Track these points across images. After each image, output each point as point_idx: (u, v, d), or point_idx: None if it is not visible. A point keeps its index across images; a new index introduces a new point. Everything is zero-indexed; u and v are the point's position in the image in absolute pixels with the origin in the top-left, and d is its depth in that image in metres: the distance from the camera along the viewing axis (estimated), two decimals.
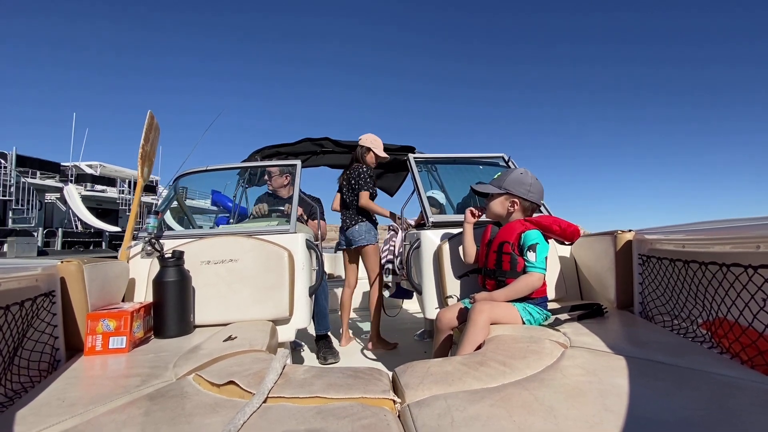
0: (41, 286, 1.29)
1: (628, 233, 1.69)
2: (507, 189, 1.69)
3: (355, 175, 2.72)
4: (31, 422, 0.88)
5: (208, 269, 1.84)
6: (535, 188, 1.70)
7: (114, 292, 1.68)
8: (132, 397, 1.00)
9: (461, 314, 1.61)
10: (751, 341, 1.06)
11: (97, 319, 1.39)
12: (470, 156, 2.68)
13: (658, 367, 1.05)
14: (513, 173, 1.72)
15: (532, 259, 1.55)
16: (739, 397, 0.87)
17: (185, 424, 0.86)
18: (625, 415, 0.81)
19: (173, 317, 1.60)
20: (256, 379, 1.04)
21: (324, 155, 3.66)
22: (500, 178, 1.74)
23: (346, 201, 2.81)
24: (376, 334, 2.70)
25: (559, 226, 1.62)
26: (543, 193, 1.74)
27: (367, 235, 2.72)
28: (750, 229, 1.09)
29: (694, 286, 1.32)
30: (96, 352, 1.37)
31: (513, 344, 1.25)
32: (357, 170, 2.71)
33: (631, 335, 1.40)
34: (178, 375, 1.15)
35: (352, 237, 2.73)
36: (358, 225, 2.72)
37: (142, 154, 1.97)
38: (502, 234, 1.65)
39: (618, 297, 1.71)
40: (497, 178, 1.76)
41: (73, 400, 0.99)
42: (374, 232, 2.77)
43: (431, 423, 0.83)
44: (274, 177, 2.82)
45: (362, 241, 2.71)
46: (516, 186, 1.69)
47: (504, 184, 1.70)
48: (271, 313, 1.81)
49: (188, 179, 2.50)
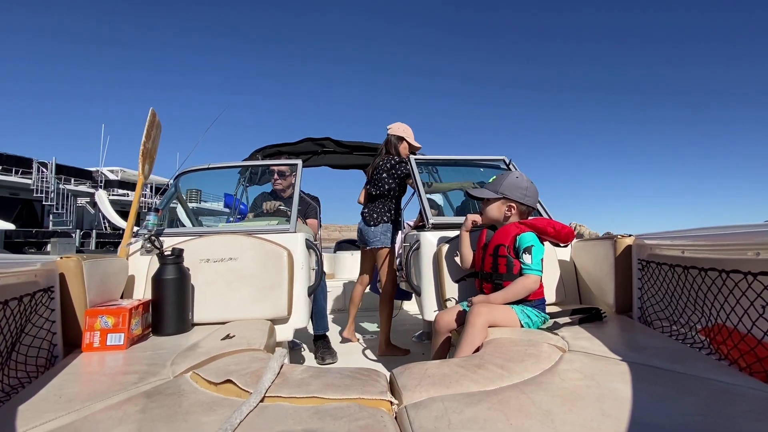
0: (40, 281, 1.29)
1: (627, 238, 1.69)
2: (503, 193, 1.70)
3: (387, 168, 2.59)
4: (28, 418, 0.88)
5: (207, 267, 1.84)
6: (531, 192, 1.71)
7: (113, 288, 1.68)
8: (129, 394, 1.00)
9: (460, 316, 1.61)
10: (749, 348, 1.06)
11: (96, 315, 1.39)
12: (471, 158, 2.68)
13: (657, 373, 1.05)
14: (508, 177, 1.73)
15: (528, 262, 1.56)
16: (736, 404, 0.87)
17: (182, 422, 0.86)
18: (623, 420, 0.81)
19: (172, 315, 1.60)
20: (254, 378, 1.04)
21: (325, 155, 3.67)
22: (496, 183, 1.74)
23: (372, 194, 2.68)
24: (386, 340, 2.61)
25: (554, 228, 1.63)
26: (538, 197, 1.76)
27: (382, 237, 2.62)
28: (750, 236, 1.09)
29: (694, 292, 1.32)
30: (94, 349, 1.37)
31: (511, 347, 1.25)
32: (390, 161, 2.59)
33: (629, 340, 1.40)
34: (176, 373, 1.15)
35: (367, 237, 2.66)
36: (377, 226, 2.63)
37: (143, 152, 1.97)
38: (498, 237, 1.66)
39: (617, 302, 1.71)
40: (492, 182, 1.76)
41: (71, 396, 0.99)
42: (390, 235, 2.65)
43: (428, 425, 0.83)
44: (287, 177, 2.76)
45: (376, 243, 2.63)
46: (512, 190, 1.69)
47: (500, 188, 1.71)
48: (270, 313, 1.81)
49: (189, 177, 2.50)
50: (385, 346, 2.60)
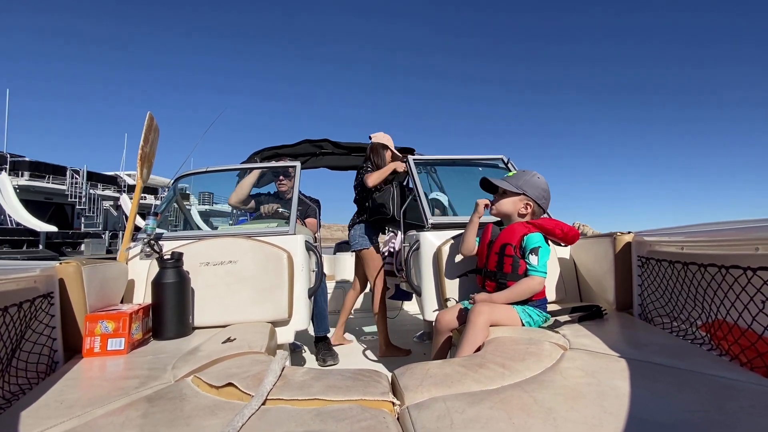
0: (40, 287, 1.29)
1: (627, 235, 1.69)
2: (524, 190, 1.66)
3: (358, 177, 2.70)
4: (29, 424, 0.88)
5: (207, 271, 1.84)
6: (548, 195, 1.70)
7: (113, 293, 1.67)
8: (130, 399, 1.00)
9: (461, 316, 1.60)
10: (750, 343, 1.06)
11: (96, 320, 1.39)
12: (469, 157, 2.68)
13: (658, 369, 1.05)
14: (529, 175, 1.69)
15: (534, 263, 1.55)
16: (738, 399, 0.87)
17: (184, 426, 0.86)
18: (624, 417, 0.81)
19: (172, 319, 1.59)
20: (255, 381, 1.04)
21: (323, 157, 3.66)
22: (516, 177, 1.70)
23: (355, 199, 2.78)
24: (385, 341, 2.61)
25: (562, 230, 1.61)
26: (549, 202, 1.73)
27: (360, 239, 2.66)
28: (749, 231, 1.09)
29: (693, 288, 1.32)
30: (94, 354, 1.37)
31: (512, 346, 1.25)
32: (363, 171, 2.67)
33: (630, 337, 1.40)
34: (177, 377, 1.14)
35: (351, 240, 2.72)
36: (354, 228, 2.69)
37: (141, 156, 1.96)
38: (505, 235, 1.64)
39: (617, 299, 1.71)
40: (513, 176, 1.71)
41: (72, 401, 0.98)
42: (366, 237, 2.66)
43: (430, 425, 0.83)
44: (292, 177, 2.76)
45: (356, 246, 2.68)
46: (533, 189, 1.67)
47: (522, 184, 1.67)
48: (270, 315, 1.81)
49: (188, 180, 2.50)
50: (386, 347, 2.59)
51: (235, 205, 2.84)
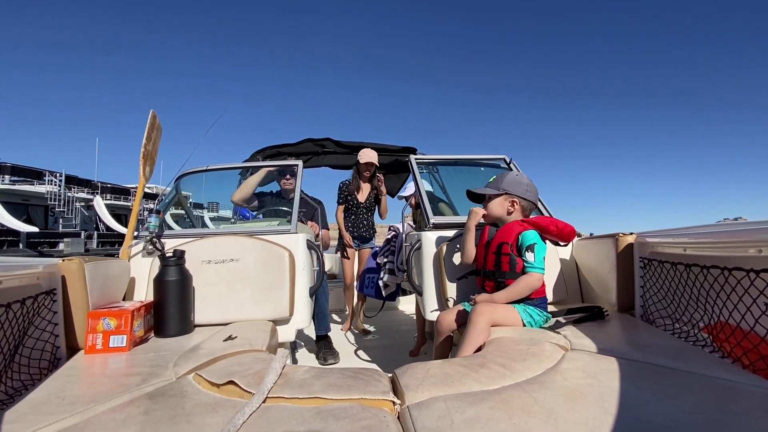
0: (42, 284, 1.29)
1: (629, 236, 1.69)
2: (505, 189, 1.72)
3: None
4: (31, 420, 0.88)
5: (208, 269, 1.84)
6: (531, 188, 1.74)
7: (115, 290, 1.68)
8: (132, 396, 1.00)
9: (461, 316, 1.61)
10: (752, 345, 1.05)
11: (98, 317, 1.39)
12: (471, 158, 2.68)
13: (659, 371, 1.05)
14: (509, 175, 1.75)
15: (531, 260, 1.56)
16: (740, 402, 0.86)
17: (185, 424, 0.86)
18: (625, 419, 0.81)
19: (174, 316, 1.60)
20: (256, 379, 1.04)
21: (325, 156, 3.66)
22: (497, 181, 1.77)
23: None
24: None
25: (556, 227, 1.65)
26: (538, 194, 1.78)
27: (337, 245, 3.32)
28: (752, 233, 1.09)
29: (696, 289, 1.32)
30: (96, 351, 1.37)
31: (513, 346, 1.25)
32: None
33: (631, 338, 1.39)
34: (178, 374, 1.15)
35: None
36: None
37: (143, 154, 1.97)
38: (501, 235, 1.66)
39: (619, 300, 1.71)
40: (493, 181, 1.79)
41: (73, 398, 0.99)
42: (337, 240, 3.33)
43: (431, 425, 0.83)
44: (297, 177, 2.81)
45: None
46: (514, 186, 1.72)
47: (501, 185, 1.73)
48: (272, 313, 1.81)
49: (189, 179, 2.51)
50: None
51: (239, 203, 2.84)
